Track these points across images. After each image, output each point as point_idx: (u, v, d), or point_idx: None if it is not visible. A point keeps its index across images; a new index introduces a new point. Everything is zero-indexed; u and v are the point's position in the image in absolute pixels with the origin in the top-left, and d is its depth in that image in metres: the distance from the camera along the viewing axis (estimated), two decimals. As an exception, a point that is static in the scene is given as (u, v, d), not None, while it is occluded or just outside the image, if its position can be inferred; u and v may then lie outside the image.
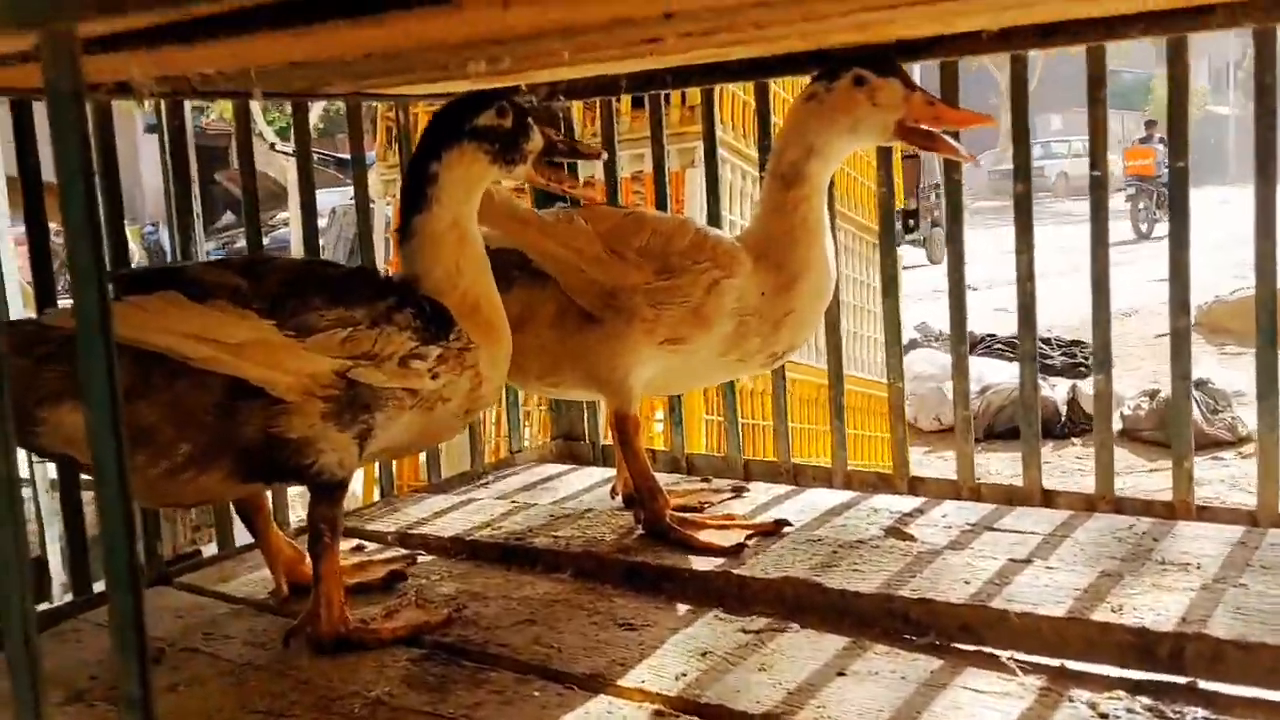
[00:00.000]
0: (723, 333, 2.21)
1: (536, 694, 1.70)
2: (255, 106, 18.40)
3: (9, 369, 1.66)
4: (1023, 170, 2.49)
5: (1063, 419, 8.45)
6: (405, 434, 1.95)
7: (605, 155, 2.17)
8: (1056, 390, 8.67)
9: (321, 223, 12.44)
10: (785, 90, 5.02)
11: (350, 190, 2.97)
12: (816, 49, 2.42)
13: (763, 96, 2.78)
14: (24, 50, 1.40)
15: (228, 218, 21.56)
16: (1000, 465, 7.56)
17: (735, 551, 2.14)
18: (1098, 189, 2.43)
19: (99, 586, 2.16)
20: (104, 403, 0.93)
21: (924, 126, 2.11)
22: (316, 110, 16.20)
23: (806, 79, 2.24)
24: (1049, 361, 9.64)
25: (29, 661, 0.92)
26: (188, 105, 2.33)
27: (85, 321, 0.92)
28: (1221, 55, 45.25)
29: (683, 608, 2.00)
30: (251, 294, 1.76)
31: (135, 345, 1.67)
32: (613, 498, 2.59)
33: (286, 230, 15.06)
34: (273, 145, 12.79)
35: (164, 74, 1.71)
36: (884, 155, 2.69)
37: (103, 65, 1.47)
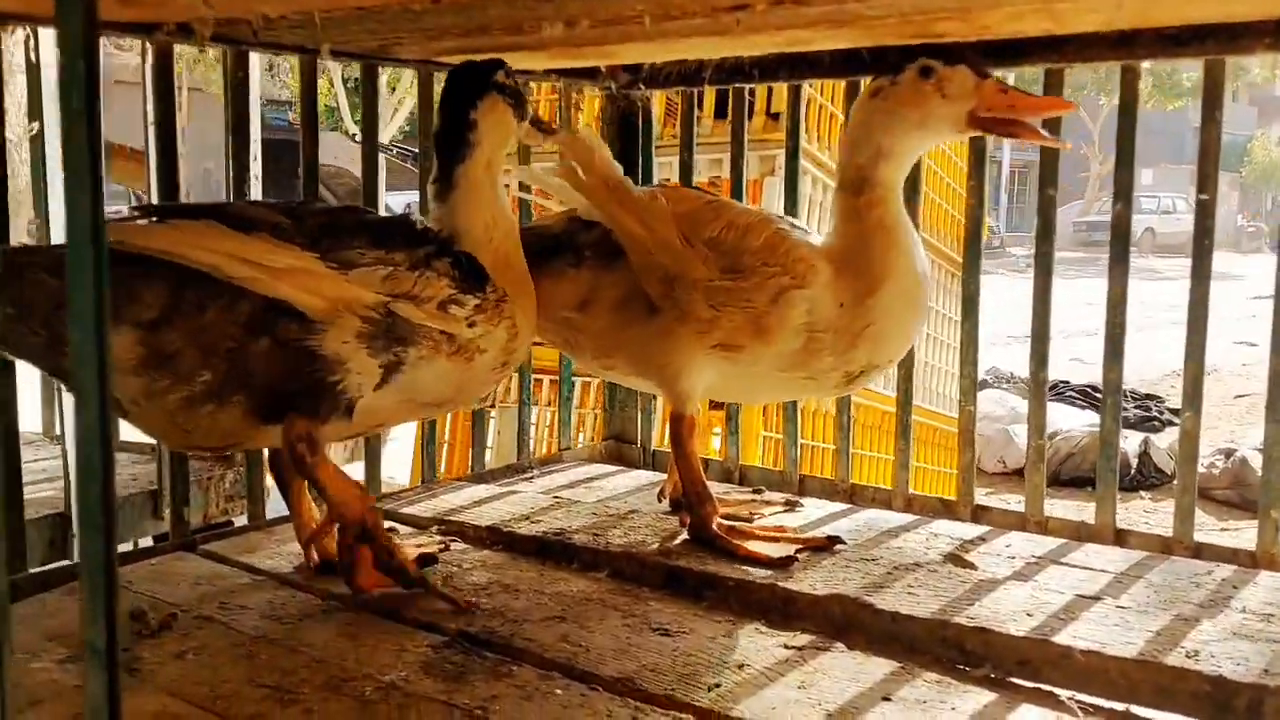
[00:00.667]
0: (788, 348, 2.04)
1: (558, 692, 1.59)
2: (344, 103, 18.65)
3: (45, 288, 1.61)
4: (1124, 192, 2.34)
5: (1133, 470, 8.17)
6: (443, 385, 1.92)
7: (556, 131, 2.10)
8: (1129, 442, 8.38)
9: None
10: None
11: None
12: (916, 43, 2.30)
13: (852, 98, 2.66)
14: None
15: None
16: (1065, 512, 7.29)
17: (784, 564, 2.02)
18: (1204, 216, 2.27)
19: (120, 548, 2.10)
20: (90, 323, 0.83)
21: (999, 115, 1.96)
22: (405, 110, 16.34)
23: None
24: (1123, 413, 9.35)
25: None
26: (255, 62, 2.27)
27: (76, 229, 0.83)
28: (1322, 118, 44.08)
29: (723, 618, 1.88)
30: (293, 231, 1.76)
31: (175, 259, 1.66)
32: (659, 500, 2.48)
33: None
34: (353, 136, 12.91)
35: (221, 13, 1.64)
36: (976, 164, 2.54)
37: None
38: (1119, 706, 1.58)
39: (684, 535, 2.18)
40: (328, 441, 1.85)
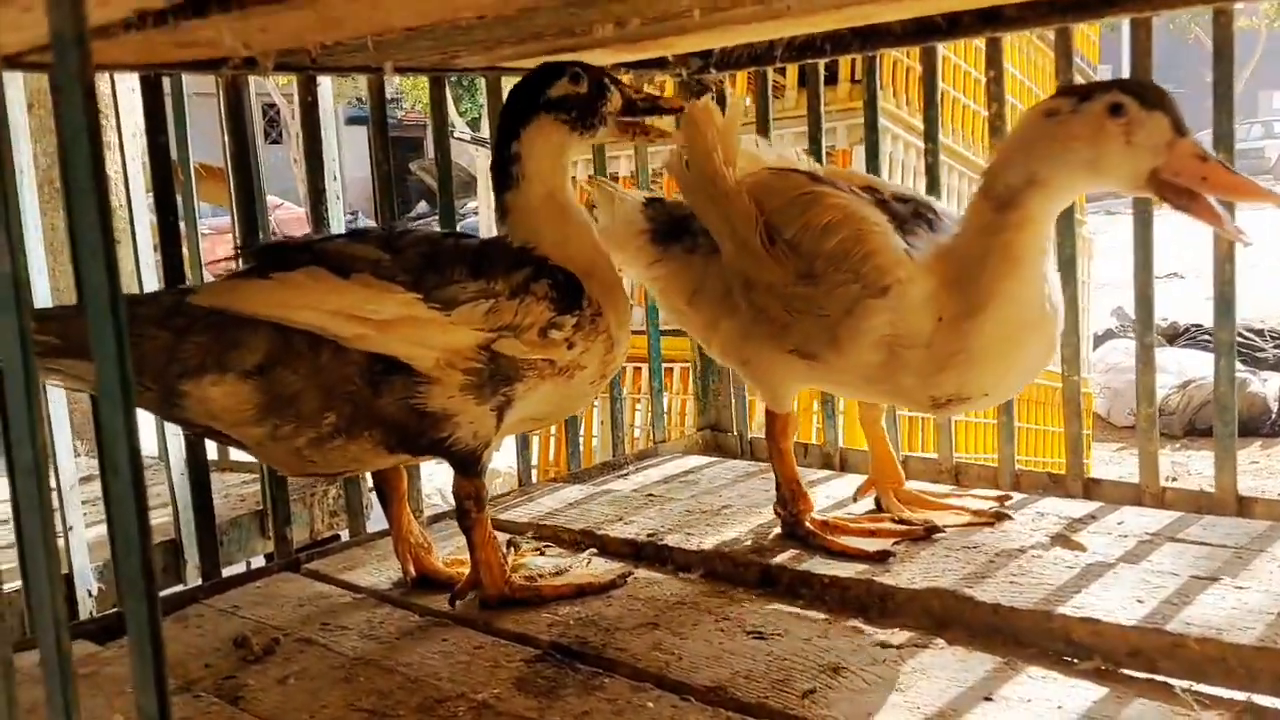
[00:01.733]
0: (865, 360, 1.86)
1: (650, 705, 1.58)
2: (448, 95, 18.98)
3: (155, 343, 1.66)
4: (1225, 140, 2.20)
5: (1274, 415, 7.78)
6: (544, 404, 1.94)
7: (685, 107, 1.95)
8: (1269, 385, 7.98)
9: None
10: (957, 54, 4.71)
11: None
12: (987, 6, 2.20)
13: (929, 62, 2.56)
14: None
15: (421, 207, 22.31)
16: (1202, 465, 7.00)
17: (880, 558, 1.97)
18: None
19: (230, 570, 2.16)
20: (114, 387, 0.84)
21: (1184, 184, 1.64)
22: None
23: (979, 41, 1.99)
24: (1260, 354, 8.89)
25: (60, 666, 0.85)
26: (328, 83, 2.30)
27: (94, 299, 0.83)
28: None
29: (818, 616, 1.85)
30: (394, 267, 1.77)
31: (279, 321, 1.70)
32: (855, 500, 2.35)
33: (476, 219, 15.39)
34: (452, 132, 13.08)
35: (273, 45, 1.66)
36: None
37: (200, 34, 1.42)
38: (1239, 696, 1.50)
39: (778, 530, 2.14)
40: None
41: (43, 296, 2.48)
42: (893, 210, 1.93)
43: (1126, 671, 1.59)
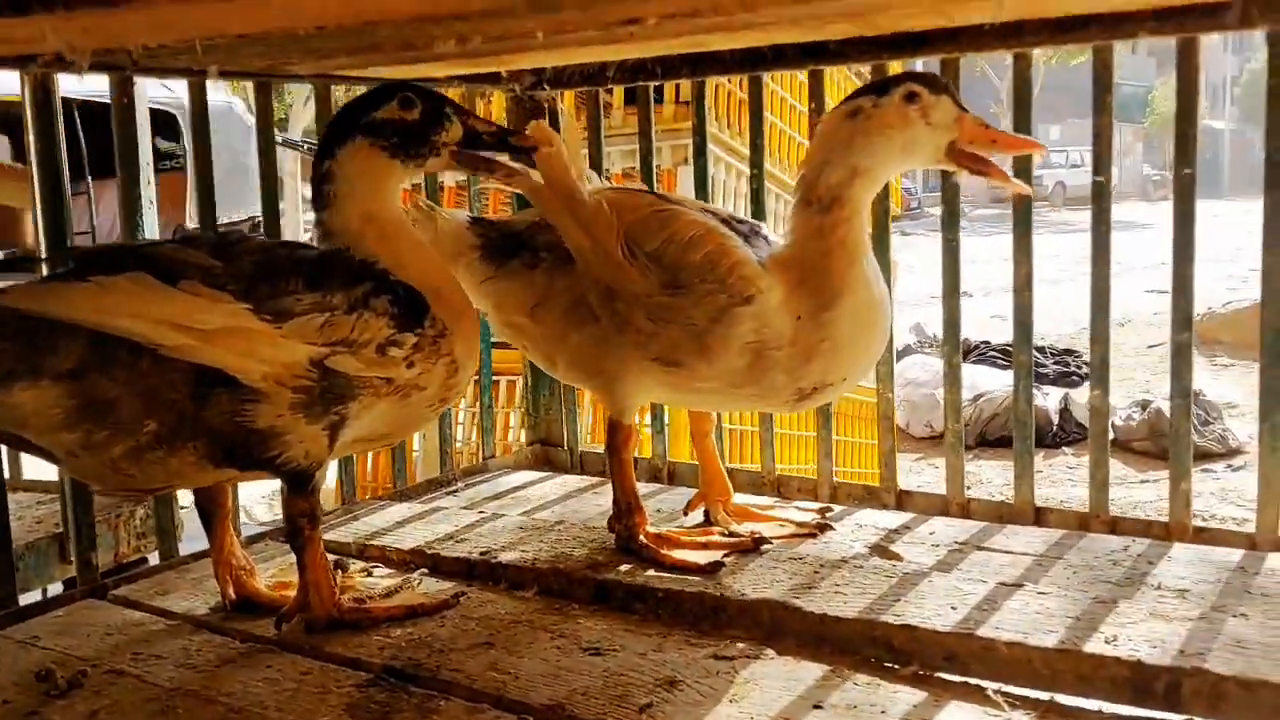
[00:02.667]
0: (732, 366, 1.97)
1: (488, 726, 1.57)
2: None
3: None
4: (1023, 176, 2.37)
5: (1054, 428, 8.36)
6: (379, 424, 1.88)
7: (545, 148, 1.92)
8: (1049, 399, 8.57)
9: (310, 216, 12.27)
10: (780, 85, 4.89)
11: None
12: (810, 41, 2.30)
13: (755, 91, 2.65)
14: None
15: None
16: (992, 474, 7.46)
17: (711, 570, 2.02)
18: (1100, 198, 2.30)
19: (26, 598, 2.03)
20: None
21: (977, 150, 1.93)
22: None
23: (801, 74, 2.11)
24: (1042, 370, 9.54)
25: None
26: (141, 84, 2.19)
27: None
28: (1219, 69, 45.29)
29: (654, 630, 1.88)
30: (225, 275, 1.69)
31: (100, 329, 1.60)
32: (685, 514, 2.40)
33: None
34: (303, 147, 12.60)
35: (96, 45, 1.58)
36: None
37: (17, 32, 1.33)
38: (1044, 696, 1.61)
39: (613, 545, 2.17)
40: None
41: None
42: (735, 229, 2.04)
43: (943, 675, 1.69)
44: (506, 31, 1.69)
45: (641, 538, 2.12)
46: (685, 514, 2.39)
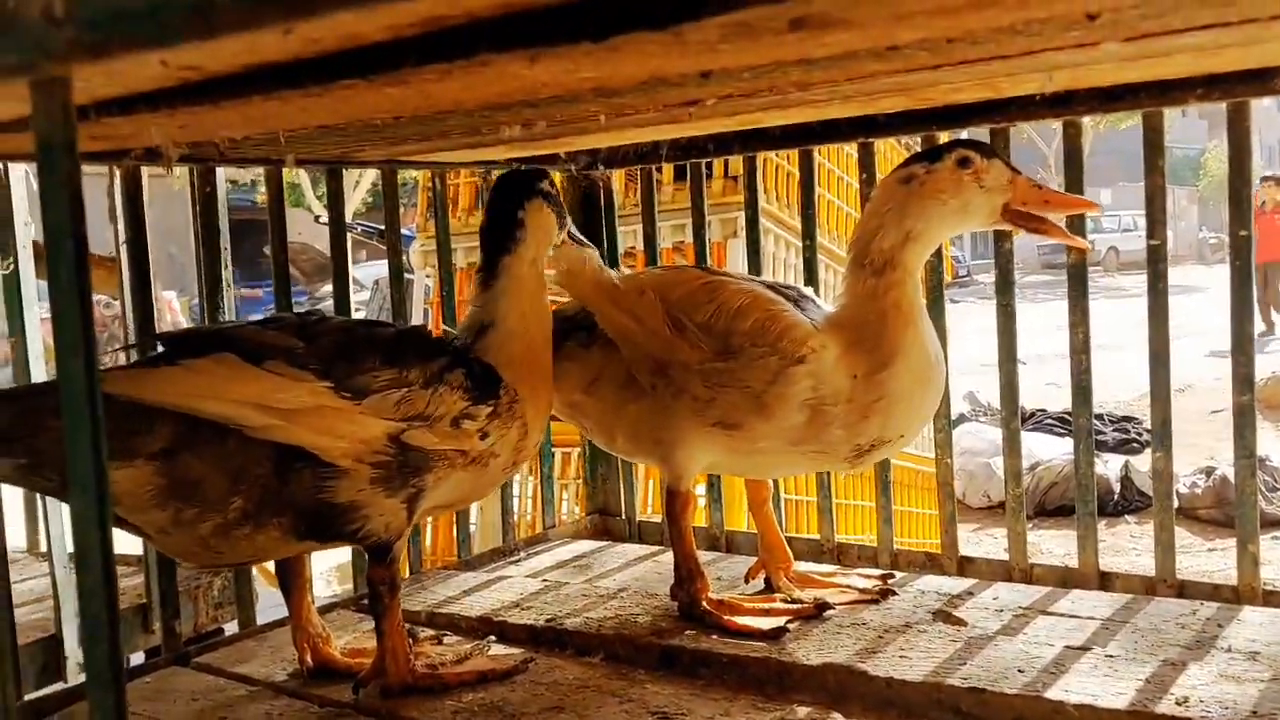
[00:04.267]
0: (792, 423, 2.03)
1: (562, 789, 1.60)
2: (305, 181, 18.65)
3: (53, 432, 1.62)
4: (1079, 234, 2.41)
5: (1116, 496, 8.20)
6: (454, 492, 1.95)
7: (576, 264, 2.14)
8: (1109, 466, 8.42)
9: (364, 295, 12.52)
10: (830, 160, 4.97)
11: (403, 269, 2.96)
12: (861, 115, 2.37)
13: (806, 165, 2.73)
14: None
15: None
16: (1052, 544, 7.33)
17: (775, 635, 2.03)
18: (1156, 260, 2.33)
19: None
20: (89, 480, 0.86)
21: (1031, 210, 2.00)
22: (366, 183, 16.41)
23: (850, 148, 2.18)
24: (1101, 437, 9.39)
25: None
26: (220, 173, 2.31)
27: (71, 394, 0.85)
28: (1273, 130, 44.92)
29: (720, 695, 1.90)
30: (307, 355, 1.77)
31: (188, 411, 1.68)
32: (747, 582, 2.43)
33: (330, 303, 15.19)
34: (318, 218, 12.96)
35: (189, 139, 1.68)
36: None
37: (122, 129, 1.43)
38: (1114, 759, 1.61)
39: (675, 611, 2.19)
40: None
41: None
42: (783, 294, 2.12)
43: (1011, 738, 1.69)
44: (571, 116, 1.78)
45: (704, 604, 2.14)
46: (746, 581, 2.40)
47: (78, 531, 0.86)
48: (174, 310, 14.97)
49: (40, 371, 2.77)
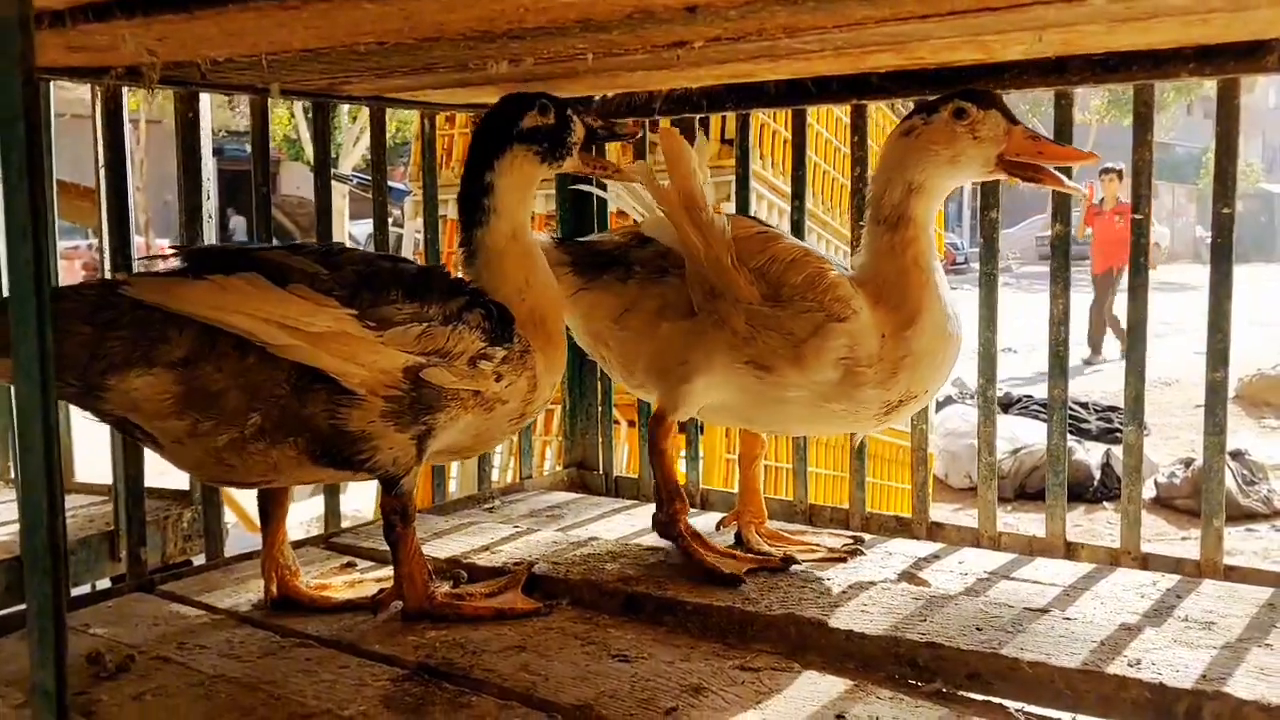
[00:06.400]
0: (823, 378, 2.06)
1: (517, 721, 1.61)
2: (305, 134, 18.51)
3: (79, 339, 1.62)
4: (1062, 211, 2.41)
5: (1096, 483, 8.26)
6: (464, 435, 1.97)
7: (640, 132, 2.00)
8: (1090, 454, 8.48)
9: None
10: (820, 123, 4.95)
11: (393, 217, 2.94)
12: (853, 74, 2.36)
13: (799, 124, 2.71)
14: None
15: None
16: (1030, 526, 7.36)
17: (732, 582, 2.05)
18: (1139, 235, 2.33)
19: (77, 590, 2.09)
20: (35, 376, 0.85)
21: (1026, 160, 2.02)
22: (366, 139, 16.31)
23: (844, 108, 2.18)
24: (1084, 425, 9.44)
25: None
26: (206, 101, 2.29)
27: (18, 279, 0.84)
28: (1277, 132, 44.83)
29: (681, 641, 1.91)
30: (331, 281, 1.78)
31: (214, 323, 1.69)
32: (717, 529, 2.47)
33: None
34: (350, 181, 12.85)
35: (169, 56, 1.67)
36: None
37: (99, 39, 1.42)
38: (1065, 716, 1.62)
39: (644, 560, 2.20)
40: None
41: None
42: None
43: (966, 694, 1.70)
44: (557, 52, 1.76)
45: (681, 525, 2.18)
46: (717, 529, 2.42)
47: (21, 418, 0.85)
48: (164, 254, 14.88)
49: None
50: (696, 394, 2.14)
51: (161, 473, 2.24)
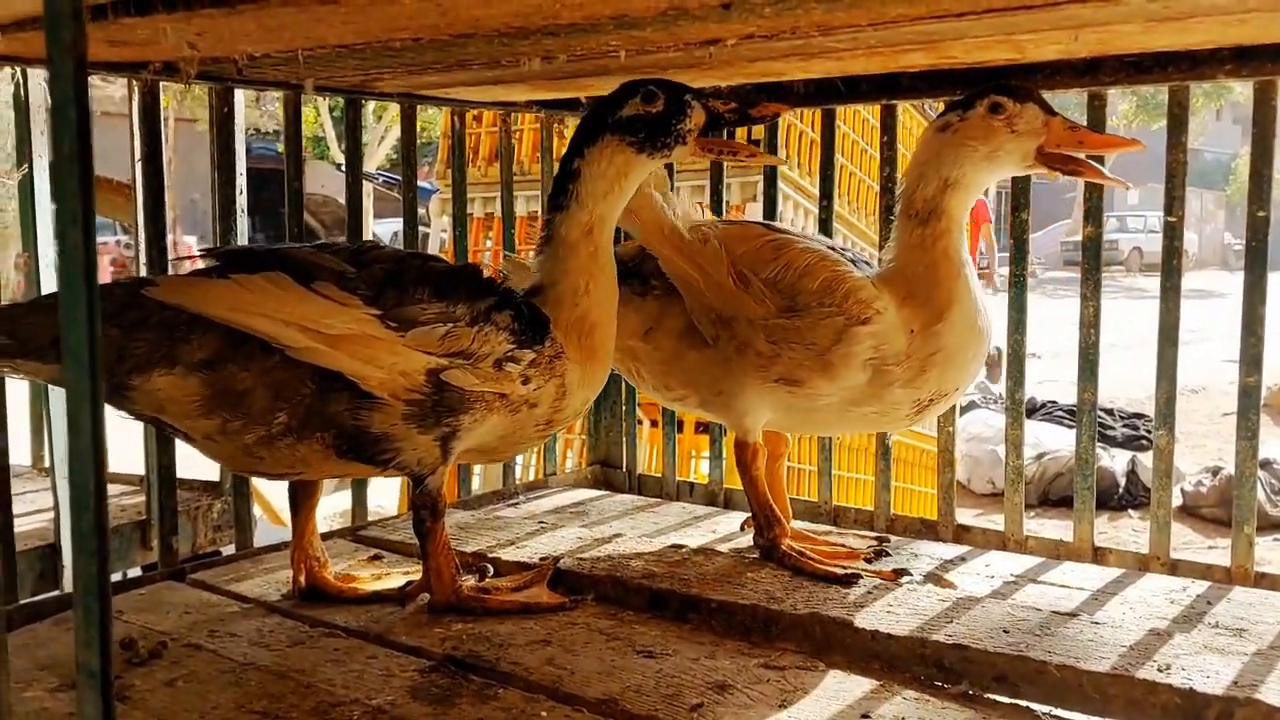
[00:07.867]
0: (854, 382, 2.06)
1: (544, 714, 1.61)
2: (330, 133, 18.59)
3: (106, 340, 1.64)
4: (1094, 213, 2.40)
5: (1121, 490, 8.20)
6: (490, 437, 1.95)
7: (782, 111, 1.95)
8: (1116, 461, 8.42)
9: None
10: (852, 129, 4.94)
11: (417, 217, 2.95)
12: (884, 74, 2.35)
13: (829, 124, 2.71)
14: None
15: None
16: (1054, 532, 7.32)
17: (849, 580, 2.06)
18: (1172, 237, 2.32)
19: (112, 577, 2.11)
20: (84, 361, 0.86)
21: (1066, 152, 1.99)
22: (391, 138, 16.39)
23: (870, 108, 2.17)
24: (1110, 432, 9.37)
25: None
26: (240, 98, 2.31)
27: (69, 262, 0.85)
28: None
29: (706, 639, 1.91)
30: (357, 280, 1.78)
31: (233, 325, 1.70)
32: (741, 531, 2.48)
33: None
34: (339, 166, 12.97)
35: (207, 51, 1.68)
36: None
37: (139, 33, 1.44)
38: (1094, 721, 1.62)
39: (668, 558, 2.21)
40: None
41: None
42: (841, 255, 2.13)
43: (992, 696, 1.70)
44: (590, 49, 1.77)
45: (784, 546, 2.18)
46: (741, 530, 2.42)
47: (70, 402, 0.86)
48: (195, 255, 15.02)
49: (52, 282, 2.79)
50: (747, 415, 2.15)
51: (192, 464, 2.26)
